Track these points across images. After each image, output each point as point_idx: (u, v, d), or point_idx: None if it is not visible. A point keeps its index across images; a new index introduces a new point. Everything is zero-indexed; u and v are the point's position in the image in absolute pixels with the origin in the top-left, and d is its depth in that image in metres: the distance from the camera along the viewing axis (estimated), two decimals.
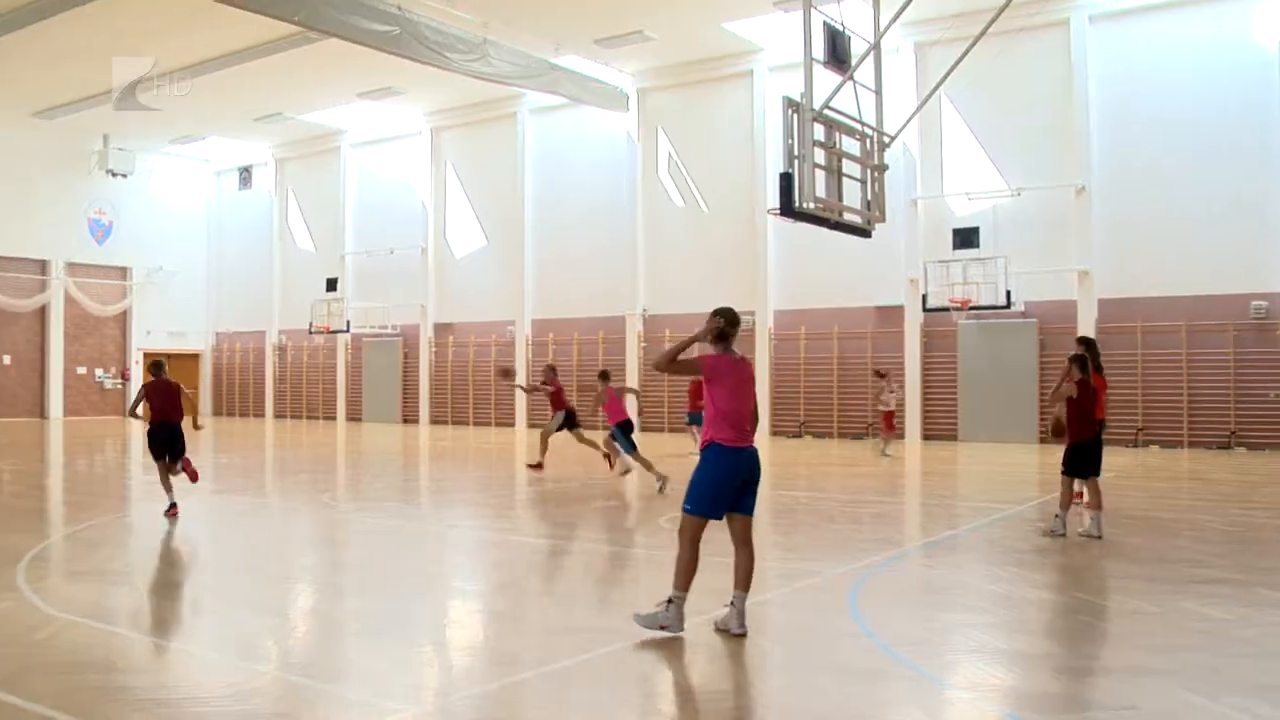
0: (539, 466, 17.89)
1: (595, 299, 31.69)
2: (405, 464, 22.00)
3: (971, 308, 25.08)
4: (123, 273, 41.04)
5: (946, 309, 25.43)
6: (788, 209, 12.97)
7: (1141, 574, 9.20)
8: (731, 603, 6.96)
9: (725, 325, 7.07)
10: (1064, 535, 11.03)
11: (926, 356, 26.60)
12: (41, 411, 38.45)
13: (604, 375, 17.84)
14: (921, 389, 26.55)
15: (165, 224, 41.94)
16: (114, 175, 39.34)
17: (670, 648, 6.68)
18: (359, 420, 37.64)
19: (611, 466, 17.46)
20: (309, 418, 39.38)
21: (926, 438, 26.39)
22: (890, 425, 22.01)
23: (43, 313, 38.92)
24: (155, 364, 13.32)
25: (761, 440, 26.62)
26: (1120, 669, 6.30)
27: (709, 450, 6.98)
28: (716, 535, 7.04)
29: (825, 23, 14.17)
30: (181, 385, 13.32)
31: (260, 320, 41.45)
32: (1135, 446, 23.83)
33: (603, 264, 31.59)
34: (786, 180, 12.82)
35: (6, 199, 37.36)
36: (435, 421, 35.48)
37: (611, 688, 6.00)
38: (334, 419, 38.44)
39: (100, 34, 26.58)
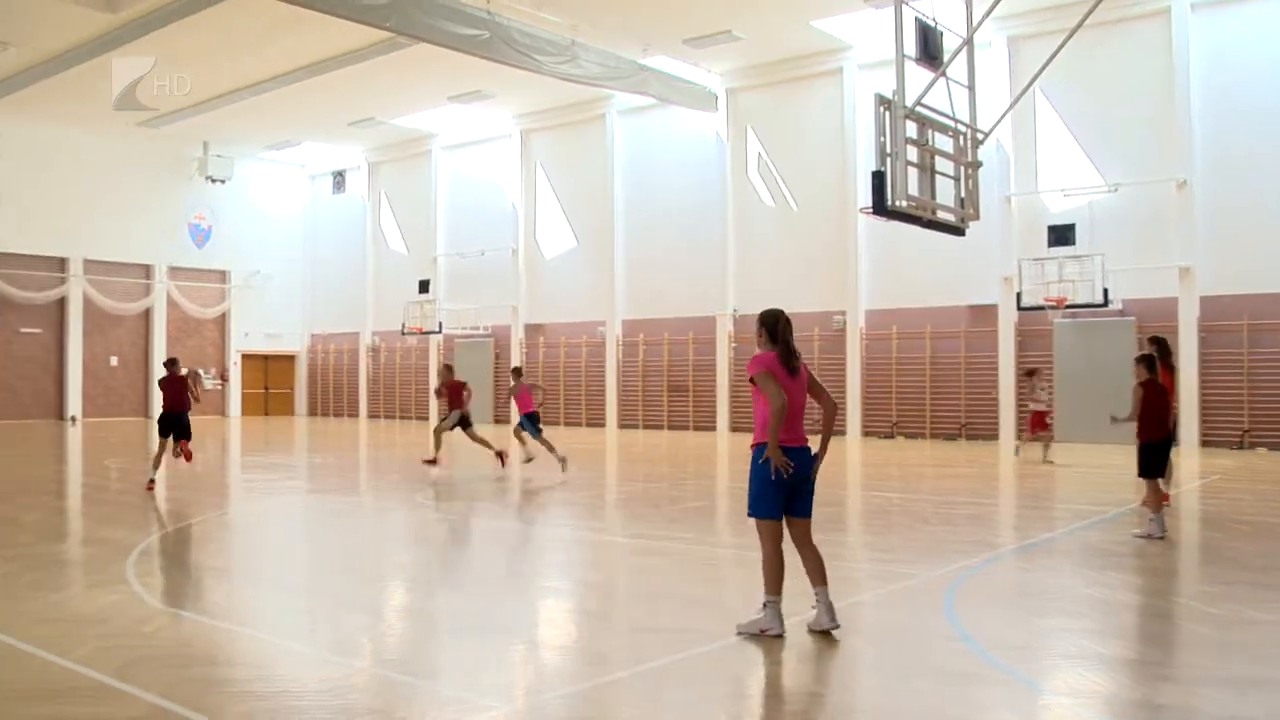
0: (434, 462, 18.65)
1: (685, 299, 31.66)
2: (496, 464, 22.17)
3: (1067, 306, 24.59)
4: (222, 276, 42.01)
5: (1041, 308, 24.98)
6: (880, 207, 12.84)
7: (1249, 580, 8.94)
8: (816, 602, 6.93)
9: (773, 325, 6.99)
10: (1162, 538, 10.76)
11: (1021, 356, 26.12)
12: (146, 411, 39.46)
13: (517, 372, 20.43)
14: (1016, 389, 26.12)
15: (262, 228, 42.85)
16: (213, 181, 40.37)
17: (763, 648, 6.64)
18: None
19: (503, 464, 18.82)
20: (402, 418, 39.91)
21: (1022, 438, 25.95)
22: (1043, 426, 21.18)
23: (147, 315, 39.99)
24: (168, 361, 16.24)
25: (852, 441, 26.54)
26: (1230, 679, 6.10)
27: (758, 451, 6.92)
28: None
29: (917, 19, 14.00)
30: (188, 375, 16.11)
31: (354, 322, 42.12)
32: (1241, 449, 23.16)
33: (692, 264, 31.54)
34: (879, 178, 12.70)
35: (112, 206, 38.47)
36: None
37: (704, 688, 5.98)
38: (426, 419, 38.87)
39: (198, 44, 27.22)
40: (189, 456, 16.31)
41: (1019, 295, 25.33)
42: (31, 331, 37.32)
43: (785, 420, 6.80)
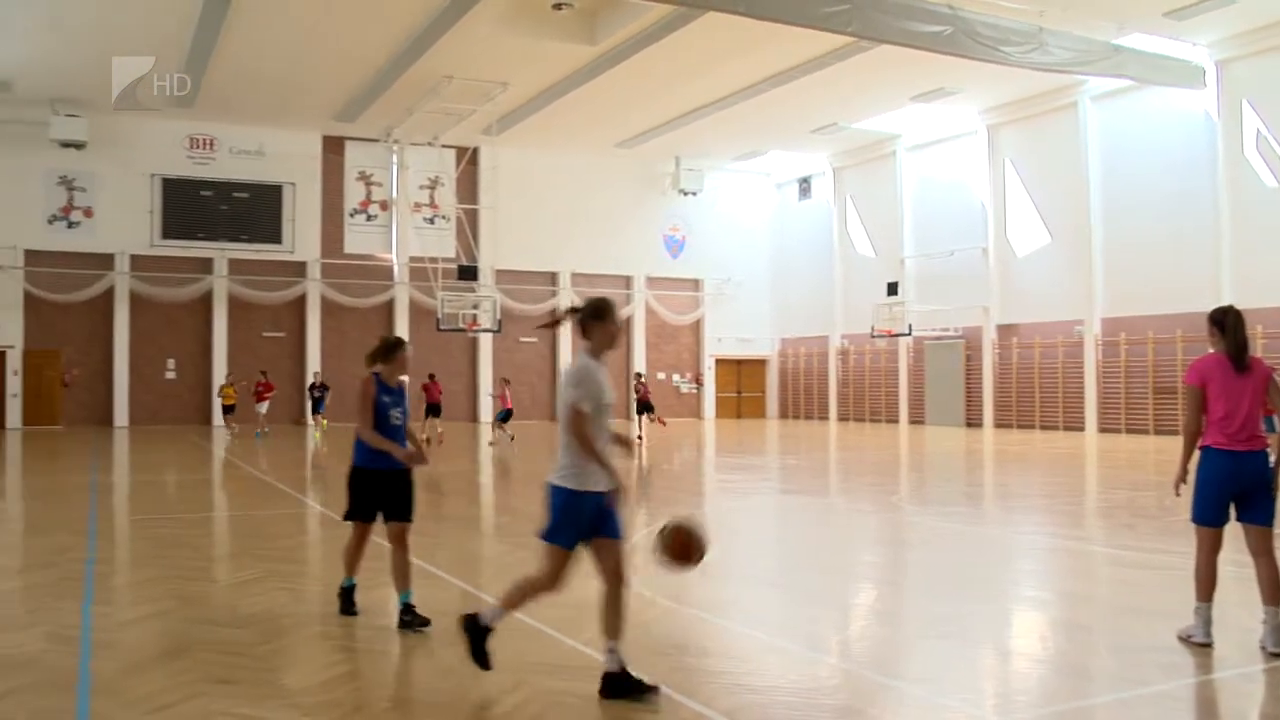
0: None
1: (1171, 295, 29.15)
2: (970, 468, 21.69)
3: None
4: (695, 284, 43.99)
5: None
6: None
7: None
8: (1264, 620, 6.48)
9: (1221, 320, 6.69)
10: None
11: None
12: (626, 413, 42.06)
13: (505, 381, 28.25)
14: None
15: (732, 237, 44.40)
16: (685, 194, 42.53)
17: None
18: (921, 423, 37.60)
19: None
20: (871, 420, 39.94)
21: None
22: None
23: (627, 324, 42.61)
24: (431, 376, 26.88)
25: None
26: None
27: (1200, 454, 6.67)
28: None
29: None
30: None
31: (822, 325, 42.62)
32: None
33: (1179, 256, 29.00)
34: None
35: (595, 222, 41.44)
36: (999, 425, 34.62)
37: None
38: (896, 422, 38.70)
39: (669, 66, 28.74)
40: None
41: None
42: (528, 340, 40.93)
43: (1227, 422, 6.53)
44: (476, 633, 5.91)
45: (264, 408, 31.20)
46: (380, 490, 7.35)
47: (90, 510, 13.94)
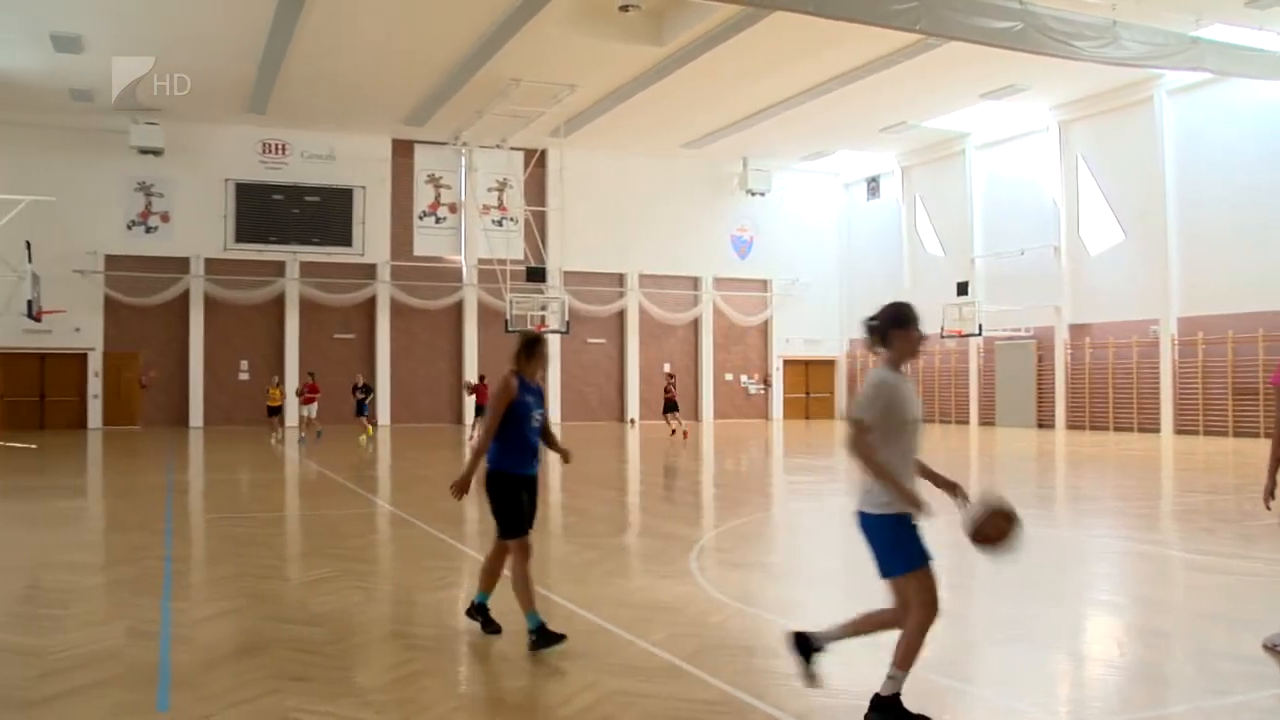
0: None
1: (1252, 292, 28.42)
2: (1042, 469, 21.39)
3: None
4: (763, 285, 43.78)
5: None
6: None
7: None
8: None
9: None
10: None
11: None
12: (696, 414, 42.01)
13: (481, 378, 29.91)
14: None
15: (800, 237, 44.10)
16: (752, 194, 42.36)
17: None
18: (991, 425, 37.14)
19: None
20: (941, 422, 39.50)
21: None
22: None
23: (695, 325, 42.60)
24: (480, 377, 28.07)
25: None
26: None
27: None
28: None
29: None
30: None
31: None
32: None
33: (1261, 253, 28.21)
34: None
35: (663, 224, 41.39)
36: (1072, 426, 34.09)
37: None
38: (966, 423, 38.28)
39: (737, 66, 28.65)
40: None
41: None
42: (596, 341, 41.03)
43: None
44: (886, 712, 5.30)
45: (312, 410, 30.16)
46: (523, 496, 6.93)
47: (167, 509, 14.20)
